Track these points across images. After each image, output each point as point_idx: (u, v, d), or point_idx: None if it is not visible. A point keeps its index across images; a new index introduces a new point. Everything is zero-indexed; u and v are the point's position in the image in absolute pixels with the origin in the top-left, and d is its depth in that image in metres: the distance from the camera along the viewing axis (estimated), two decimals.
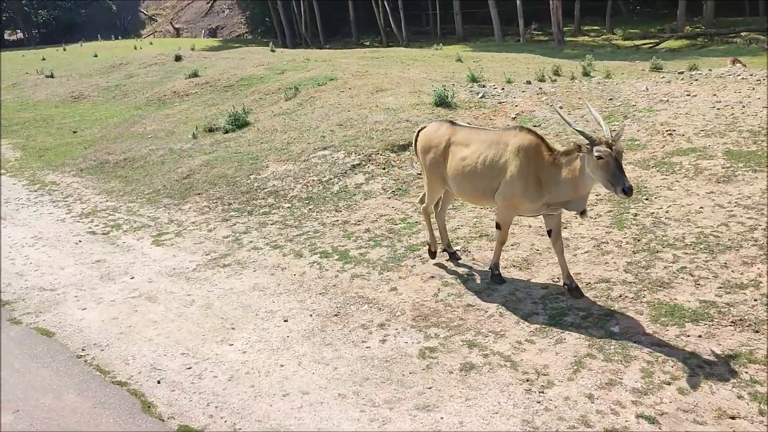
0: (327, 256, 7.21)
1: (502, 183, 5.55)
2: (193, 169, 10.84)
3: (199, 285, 6.77)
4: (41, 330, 5.98)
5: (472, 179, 5.80)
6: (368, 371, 4.91)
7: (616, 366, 4.64)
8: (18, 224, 9.21)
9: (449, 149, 6.01)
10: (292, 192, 9.32)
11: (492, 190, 5.67)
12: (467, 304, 5.79)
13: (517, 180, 5.45)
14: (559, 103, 11.80)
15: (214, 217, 8.87)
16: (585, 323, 5.27)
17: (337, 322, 5.73)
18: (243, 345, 5.47)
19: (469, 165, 5.78)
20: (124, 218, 9.18)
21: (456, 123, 6.33)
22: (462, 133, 6.02)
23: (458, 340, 5.23)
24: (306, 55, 25.29)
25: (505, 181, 5.52)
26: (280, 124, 12.56)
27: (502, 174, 5.55)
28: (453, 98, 11.99)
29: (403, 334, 5.40)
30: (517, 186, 5.46)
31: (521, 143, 5.46)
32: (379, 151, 10.11)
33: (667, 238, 6.55)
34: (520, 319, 5.46)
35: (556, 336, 5.14)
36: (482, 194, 5.85)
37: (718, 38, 30.83)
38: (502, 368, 4.79)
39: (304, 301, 6.19)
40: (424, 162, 6.32)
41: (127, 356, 5.43)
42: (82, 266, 7.52)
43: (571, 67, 17.56)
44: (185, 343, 5.60)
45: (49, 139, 15.34)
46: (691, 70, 14.72)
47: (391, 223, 7.91)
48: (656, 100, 11.25)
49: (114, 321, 6.08)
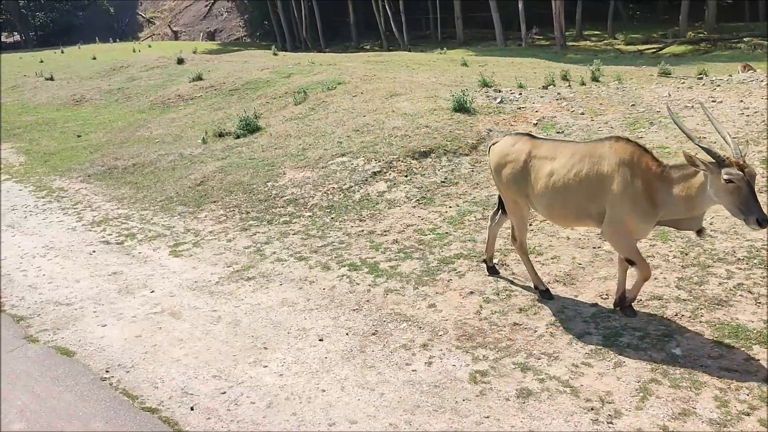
0: (356, 268, 6.89)
1: (608, 206, 4.96)
2: (206, 175, 10.50)
3: (224, 300, 6.44)
4: (61, 349, 5.64)
5: (563, 198, 5.15)
6: (418, 397, 4.59)
7: (686, 393, 4.34)
8: (27, 233, 8.86)
9: (530, 164, 5.40)
10: (312, 200, 9.00)
11: (588, 211, 5.11)
12: (513, 323, 5.48)
13: (624, 199, 4.85)
14: (581, 108, 11.54)
15: (232, 226, 8.54)
16: (643, 344, 4.97)
17: (376, 341, 5.41)
18: (278, 367, 5.14)
19: (558, 182, 5.15)
20: (138, 227, 8.83)
21: (535, 136, 5.76)
22: (545, 146, 5.45)
23: (509, 363, 4.92)
24: (310, 58, 24.98)
25: (610, 202, 4.89)
26: (294, 129, 12.24)
27: (603, 192, 4.94)
28: (471, 103, 11.69)
29: (449, 356, 5.09)
30: (625, 206, 4.83)
31: (622, 156, 4.86)
32: (400, 158, 9.80)
33: (716, 251, 6.26)
34: (573, 339, 5.15)
35: (614, 358, 4.84)
36: (575, 215, 5.22)
37: (721, 44, 30.75)
38: (561, 395, 4.48)
39: (337, 318, 5.87)
40: (500, 180, 5.70)
41: (155, 379, 5.10)
42: (98, 278, 7.17)
43: (579, 72, 17.29)
44: (216, 364, 5.27)
45: (53, 143, 14.96)
46: (701, 76, 14.50)
47: (420, 234, 7.60)
48: (681, 106, 10.99)
49: (138, 339, 5.74)
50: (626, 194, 4.80)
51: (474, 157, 9.80)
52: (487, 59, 26.32)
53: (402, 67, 21.89)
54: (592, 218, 5.14)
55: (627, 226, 4.90)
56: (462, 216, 7.98)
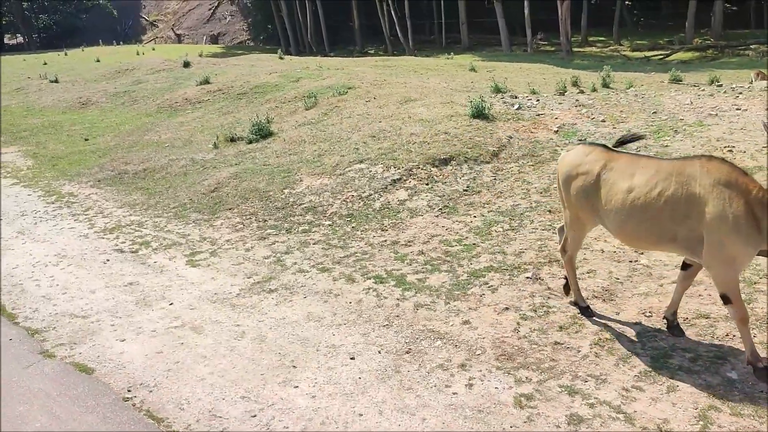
0: (382, 281, 6.64)
1: (705, 232, 4.43)
2: (220, 181, 10.25)
3: (247, 313, 6.18)
4: (79, 366, 5.38)
5: (642, 218, 4.71)
6: (462, 423, 4.34)
7: (750, 423, 4.09)
8: (38, 240, 8.60)
9: (604, 178, 4.97)
10: (332, 208, 8.75)
11: (673, 234, 4.67)
12: (555, 342, 5.23)
13: (722, 223, 4.34)
14: (601, 116, 11.32)
15: (250, 234, 8.29)
16: (695, 367, 4.72)
17: (411, 361, 5.16)
18: (310, 387, 4.89)
19: (637, 200, 4.70)
20: (152, 234, 8.58)
21: (610, 147, 5.30)
22: (623, 159, 4.98)
23: (555, 386, 4.67)
24: (317, 62, 24.79)
25: (707, 227, 4.41)
26: (307, 134, 12.00)
27: (694, 216, 4.47)
28: (490, 110, 11.46)
29: (490, 377, 4.84)
30: (728, 233, 4.34)
31: (718, 177, 4.39)
32: (420, 165, 9.56)
33: (761, 267, 6.01)
34: (620, 360, 4.90)
35: (666, 382, 4.59)
36: (656, 237, 4.75)
37: (728, 51, 30.61)
38: (615, 421, 4.23)
39: (367, 335, 5.62)
40: (568, 193, 5.28)
41: (180, 399, 4.84)
42: (113, 289, 6.92)
43: (589, 78, 17.07)
44: (243, 383, 5.01)
45: (60, 146, 14.71)
46: (713, 83, 14.30)
47: (446, 245, 7.35)
48: (704, 114, 10.77)
49: (159, 355, 5.48)
50: (725, 218, 4.37)
51: (495, 165, 9.56)
52: (494, 65, 26.12)
53: (411, 72, 21.66)
54: (676, 242, 4.70)
55: (731, 256, 4.44)
56: (488, 226, 7.73)
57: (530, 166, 9.46)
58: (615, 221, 4.94)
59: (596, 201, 5.07)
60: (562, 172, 5.37)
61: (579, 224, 5.39)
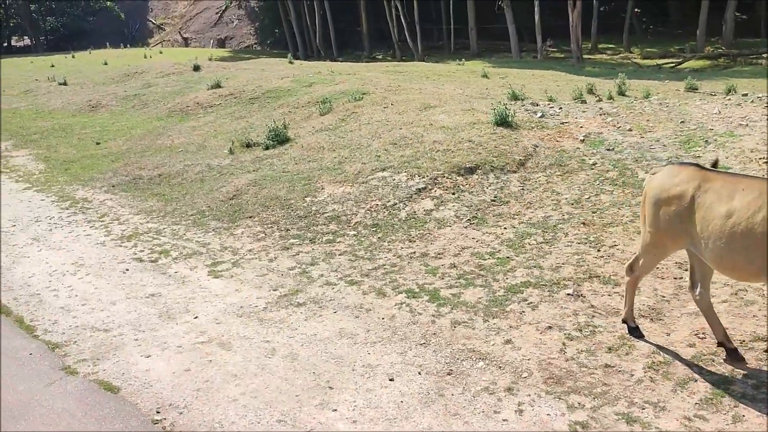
0: (414, 295, 6.38)
1: None
2: (239, 188, 10.01)
3: (276, 329, 5.93)
4: (103, 383, 5.13)
5: (744, 246, 4.31)
6: None
7: None
8: (54, 247, 8.36)
9: (699, 201, 4.57)
10: (356, 218, 8.51)
11: None
12: (605, 365, 4.97)
13: None
14: (628, 125, 11.06)
15: (272, 244, 8.04)
16: (760, 395, 4.46)
17: (454, 383, 4.90)
18: (349, 411, 4.63)
19: (737, 226, 4.32)
20: (171, 243, 8.33)
21: (703, 166, 4.91)
22: (719, 180, 4.58)
23: (610, 413, 4.40)
24: (328, 67, 24.58)
25: None
26: (326, 141, 11.76)
27: None
28: (513, 117, 11.21)
29: (540, 403, 4.57)
30: None
31: None
32: (445, 174, 9.31)
33: None
34: (677, 386, 4.64)
35: (730, 411, 4.32)
36: (758, 268, 4.31)
37: (741, 59, 30.37)
38: None
39: (405, 354, 5.36)
40: (656, 217, 4.86)
41: (213, 423, 4.58)
42: (135, 301, 6.67)
43: (604, 86, 16.80)
44: (278, 405, 4.75)
45: (71, 150, 14.48)
46: (731, 92, 14.02)
47: (478, 258, 7.09)
48: (735, 124, 10.51)
49: (187, 373, 5.23)
50: None
51: (523, 175, 9.31)
52: (506, 71, 25.89)
53: (423, 78, 21.44)
54: None
55: None
56: (521, 239, 7.47)
57: (558, 176, 9.21)
58: (711, 249, 4.51)
59: (690, 226, 4.64)
60: (651, 196, 4.92)
61: (660, 249, 5.02)
